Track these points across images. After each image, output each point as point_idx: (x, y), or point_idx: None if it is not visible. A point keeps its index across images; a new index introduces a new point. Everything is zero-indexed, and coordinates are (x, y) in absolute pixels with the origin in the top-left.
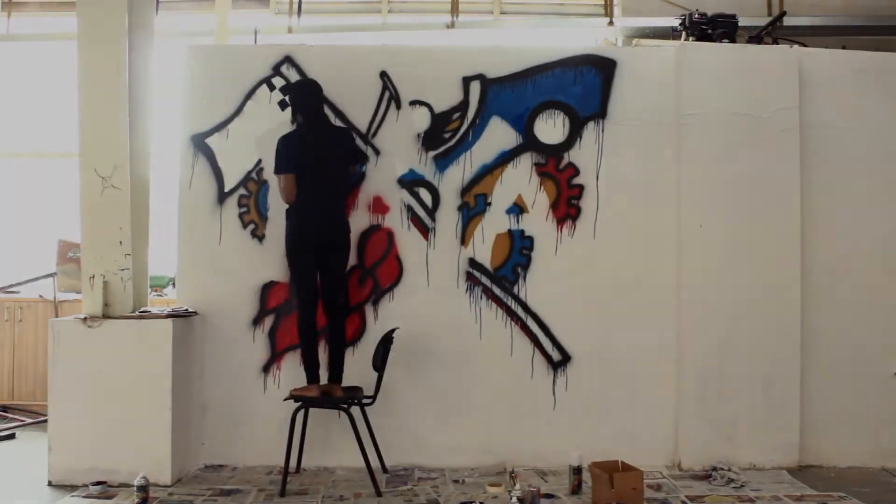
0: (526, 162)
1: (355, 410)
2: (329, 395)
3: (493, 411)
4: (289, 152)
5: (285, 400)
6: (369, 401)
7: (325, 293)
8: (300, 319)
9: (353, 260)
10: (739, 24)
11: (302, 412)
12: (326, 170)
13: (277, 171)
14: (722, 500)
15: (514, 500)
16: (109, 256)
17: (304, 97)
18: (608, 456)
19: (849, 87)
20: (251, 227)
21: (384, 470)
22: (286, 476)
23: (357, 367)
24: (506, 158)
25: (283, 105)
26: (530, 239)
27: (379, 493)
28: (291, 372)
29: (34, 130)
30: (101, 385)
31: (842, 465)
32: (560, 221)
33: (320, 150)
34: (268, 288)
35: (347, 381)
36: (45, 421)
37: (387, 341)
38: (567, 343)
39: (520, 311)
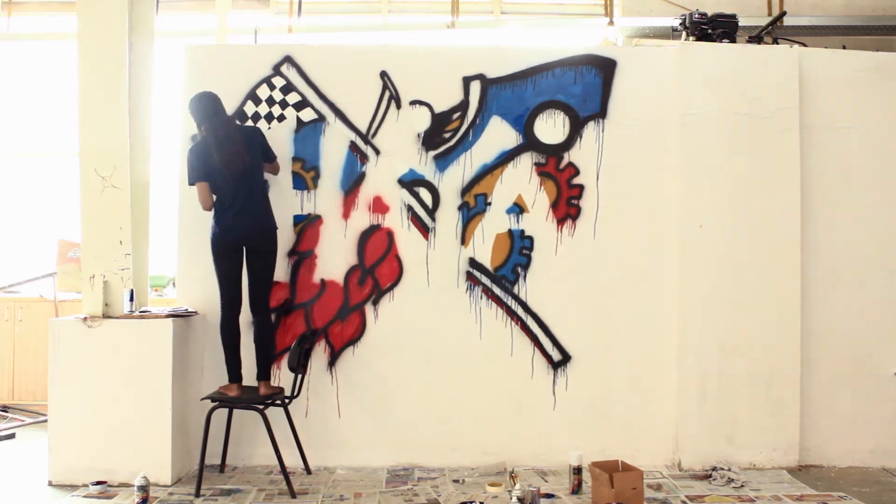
0: (526, 162)
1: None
2: (254, 394)
3: (493, 411)
4: (198, 161)
5: (202, 399)
6: (288, 400)
7: (251, 293)
8: (222, 319)
9: (353, 259)
10: (739, 24)
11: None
12: (241, 170)
13: (190, 182)
14: (722, 500)
15: (514, 500)
16: (109, 256)
17: (202, 109)
18: (608, 456)
19: (849, 87)
20: None
21: (307, 471)
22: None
23: (357, 367)
24: (506, 158)
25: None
26: (530, 239)
27: (293, 495)
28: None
29: (34, 130)
30: (101, 385)
31: (842, 465)
32: (560, 221)
33: (230, 151)
34: None
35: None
36: (45, 421)
37: (304, 341)
38: (567, 343)
39: (520, 311)
